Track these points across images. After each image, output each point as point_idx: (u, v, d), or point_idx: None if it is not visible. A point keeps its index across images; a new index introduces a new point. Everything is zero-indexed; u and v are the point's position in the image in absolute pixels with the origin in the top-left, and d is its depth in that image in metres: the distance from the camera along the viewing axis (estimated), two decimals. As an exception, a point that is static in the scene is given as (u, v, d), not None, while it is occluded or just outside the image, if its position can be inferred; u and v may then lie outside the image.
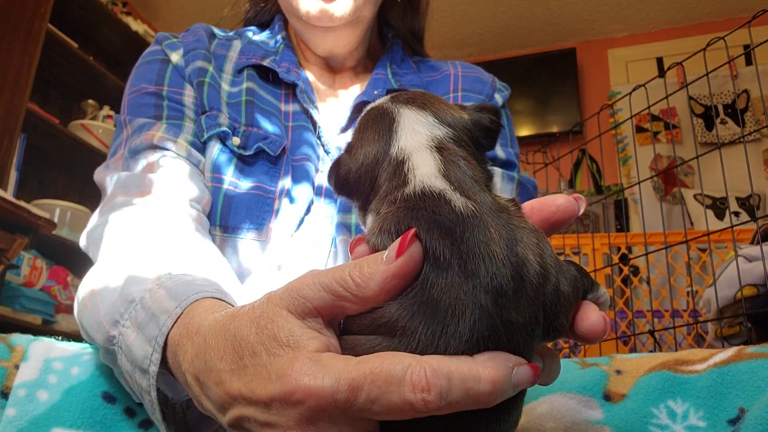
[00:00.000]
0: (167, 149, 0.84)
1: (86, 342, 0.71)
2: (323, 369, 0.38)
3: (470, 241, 0.41)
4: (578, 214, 0.47)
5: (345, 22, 0.94)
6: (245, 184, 0.86)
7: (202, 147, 0.88)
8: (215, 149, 0.87)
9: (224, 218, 0.84)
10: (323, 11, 0.91)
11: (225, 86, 0.95)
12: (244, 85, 0.95)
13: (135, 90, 0.93)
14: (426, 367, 0.37)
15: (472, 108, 0.53)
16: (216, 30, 1.05)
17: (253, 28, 1.09)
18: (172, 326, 0.53)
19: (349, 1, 0.92)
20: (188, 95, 0.92)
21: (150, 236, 0.70)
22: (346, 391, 0.37)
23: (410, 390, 0.37)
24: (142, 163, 0.83)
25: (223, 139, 0.88)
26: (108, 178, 0.85)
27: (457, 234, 0.41)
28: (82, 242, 0.82)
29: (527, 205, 0.48)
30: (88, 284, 0.68)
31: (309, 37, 1.00)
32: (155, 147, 0.84)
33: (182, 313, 0.53)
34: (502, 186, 0.96)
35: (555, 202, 0.47)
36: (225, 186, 0.85)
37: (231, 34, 1.06)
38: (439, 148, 0.48)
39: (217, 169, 0.86)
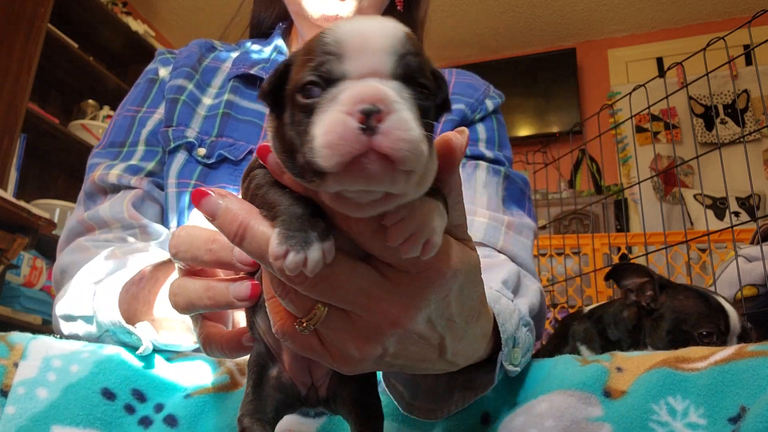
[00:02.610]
0: (105, 182, 0.98)
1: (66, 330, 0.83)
2: None
3: None
4: (465, 143, 0.46)
5: None
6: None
7: (142, 167, 0.99)
8: (181, 159, 0.97)
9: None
10: (332, 11, 0.96)
11: (207, 100, 1.04)
12: (225, 98, 1.02)
13: (121, 112, 1.06)
14: None
15: None
16: (216, 44, 1.12)
17: (252, 40, 1.14)
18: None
19: (352, 2, 0.97)
20: (159, 112, 1.03)
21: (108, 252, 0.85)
22: None
23: None
24: (95, 203, 0.99)
25: (189, 149, 0.97)
26: (69, 222, 0.99)
27: None
28: (56, 279, 0.94)
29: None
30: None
31: None
32: (99, 186, 0.98)
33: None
34: (487, 178, 0.99)
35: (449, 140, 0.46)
36: (189, 189, 0.94)
37: (232, 46, 1.12)
38: None
39: (182, 176, 0.96)
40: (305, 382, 0.56)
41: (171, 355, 0.75)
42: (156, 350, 0.74)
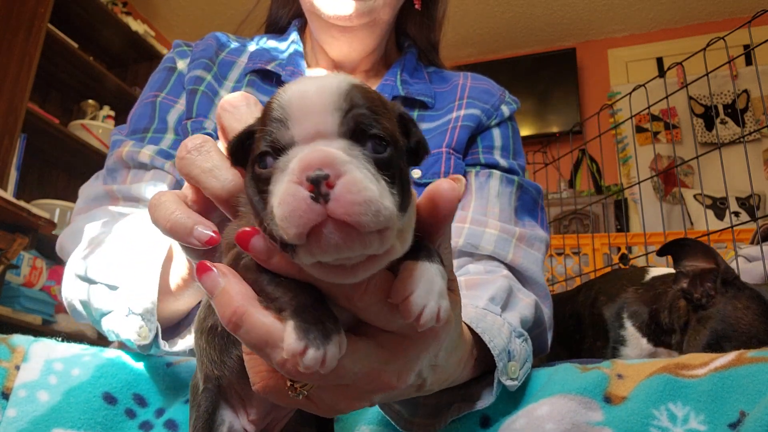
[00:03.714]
0: (134, 160, 0.94)
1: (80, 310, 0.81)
2: None
3: None
4: (461, 194, 0.44)
5: (363, 23, 0.98)
6: None
7: (172, 155, 0.96)
8: None
9: None
10: (345, 10, 0.95)
11: (224, 93, 1.01)
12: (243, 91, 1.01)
13: (141, 100, 1.03)
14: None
15: None
16: (232, 37, 1.11)
17: (267, 35, 1.13)
18: None
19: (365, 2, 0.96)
20: (180, 103, 1.01)
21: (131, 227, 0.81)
22: None
23: None
24: (114, 179, 0.96)
25: None
26: (88, 191, 0.97)
27: None
28: (64, 242, 0.92)
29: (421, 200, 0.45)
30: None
31: (326, 38, 1.04)
32: (125, 163, 0.95)
33: None
34: (501, 188, 0.97)
35: (440, 193, 0.44)
36: None
37: (247, 40, 1.11)
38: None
39: None
40: (260, 427, 0.56)
41: (172, 360, 0.75)
42: (158, 355, 0.74)
